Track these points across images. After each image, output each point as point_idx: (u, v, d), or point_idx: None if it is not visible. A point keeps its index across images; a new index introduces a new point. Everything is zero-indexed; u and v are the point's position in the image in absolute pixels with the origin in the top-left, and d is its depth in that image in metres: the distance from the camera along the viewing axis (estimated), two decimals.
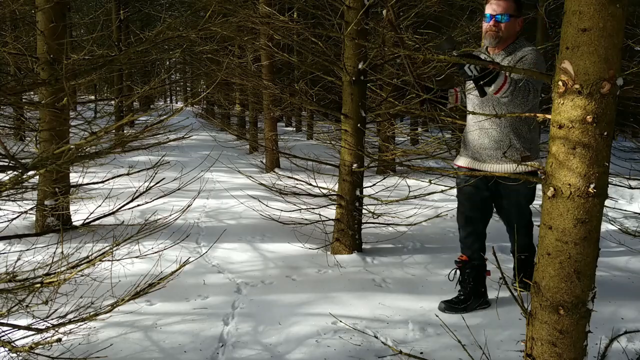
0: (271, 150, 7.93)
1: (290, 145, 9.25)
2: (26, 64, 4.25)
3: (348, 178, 3.93)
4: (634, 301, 3.10)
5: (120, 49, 6.86)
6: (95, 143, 2.01)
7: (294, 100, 5.57)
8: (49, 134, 4.18)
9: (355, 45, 3.75)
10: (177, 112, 2.20)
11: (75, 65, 4.08)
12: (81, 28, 11.28)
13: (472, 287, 3.04)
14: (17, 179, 1.88)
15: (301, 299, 3.12)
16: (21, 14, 6.72)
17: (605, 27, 1.43)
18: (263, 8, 5.81)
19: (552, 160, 1.58)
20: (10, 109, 7.65)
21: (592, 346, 2.17)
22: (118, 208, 3.88)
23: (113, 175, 4.25)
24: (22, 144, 6.73)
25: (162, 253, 3.14)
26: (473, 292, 3.03)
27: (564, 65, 1.50)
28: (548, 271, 1.63)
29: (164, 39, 4.36)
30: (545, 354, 1.67)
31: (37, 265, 2.28)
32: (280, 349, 2.54)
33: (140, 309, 2.93)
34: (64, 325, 1.97)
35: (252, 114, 10.74)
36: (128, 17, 12.01)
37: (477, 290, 3.05)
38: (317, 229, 4.36)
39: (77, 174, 4.83)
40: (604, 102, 1.47)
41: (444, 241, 4.31)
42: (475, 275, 3.06)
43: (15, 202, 3.89)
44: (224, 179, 6.85)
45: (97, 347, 2.48)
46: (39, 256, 2.67)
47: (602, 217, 1.59)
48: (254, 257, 3.93)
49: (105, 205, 4.08)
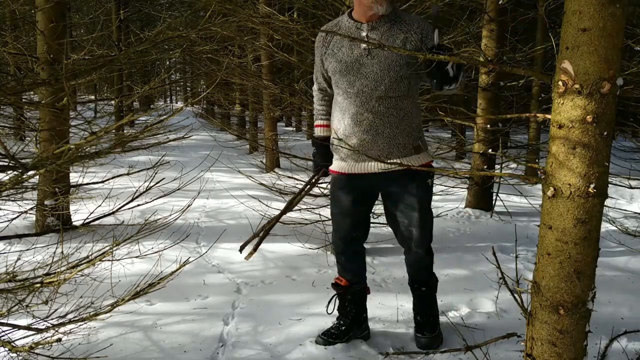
0: (271, 150, 7.94)
1: (290, 145, 9.25)
2: (26, 64, 4.25)
3: None
4: (634, 301, 3.10)
5: (120, 49, 6.86)
6: (95, 143, 2.01)
7: (294, 100, 5.58)
8: (49, 134, 4.18)
9: None
10: (177, 112, 2.20)
11: (75, 65, 4.09)
12: (81, 28, 11.29)
13: (354, 314, 2.62)
14: (17, 179, 1.88)
15: (301, 299, 3.12)
16: (21, 14, 6.72)
17: (605, 27, 1.43)
18: (263, 8, 5.81)
19: (552, 160, 1.58)
20: (10, 109, 7.65)
21: (592, 346, 2.17)
22: (118, 208, 3.89)
23: (113, 175, 4.26)
24: (22, 144, 6.73)
25: (162, 253, 3.14)
26: (355, 321, 2.63)
27: (564, 65, 1.51)
28: (548, 271, 1.63)
29: (164, 39, 4.36)
30: (545, 354, 1.67)
31: (37, 265, 2.28)
32: (280, 349, 2.54)
33: (140, 309, 2.93)
34: (64, 325, 1.97)
35: (252, 114, 10.74)
36: (128, 17, 12.01)
37: (359, 318, 2.64)
38: (317, 229, 4.36)
39: (77, 174, 4.83)
40: (604, 102, 1.47)
41: (444, 241, 4.31)
42: (357, 300, 2.65)
43: (15, 202, 3.89)
44: (224, 179, 6.86)
45: (97, 347, 2.48)
46: (39, 256, 2.67)
47: (602, 217, 1.59)
48: (254, 257, 3.91)
49: (105, 205, 4.09)
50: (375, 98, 2.34)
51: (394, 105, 2.35)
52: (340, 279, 2.65)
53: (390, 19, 2.34)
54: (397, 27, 2.33)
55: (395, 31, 2.33)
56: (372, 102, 2.34)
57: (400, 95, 2.35)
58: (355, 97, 2.37)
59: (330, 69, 2.44)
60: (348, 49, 2.37)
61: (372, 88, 2.33)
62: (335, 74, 2.42)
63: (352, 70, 2.36)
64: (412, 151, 2.41)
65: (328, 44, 2.46)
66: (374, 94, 2.33)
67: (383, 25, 2.33)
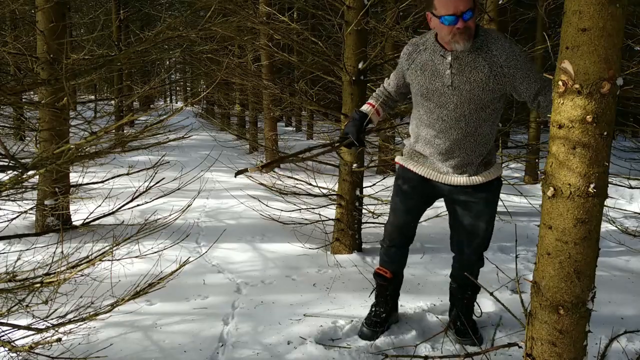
0: (271, 150, 7.94)
1: (290, 145, 9.25)
2: (26, 64, 4.25)
3: (348, 178, 3.93)
4: (634, 301, 3.10)
5: (120, 48, 6.86)
6: (95, 143, 2.01)
7: (294, 100, 5.58)
8: (49, 134, 4.18)
9: (355, 45, 3.75)
10: (177, 112, 2.20)
11: (75, 65, 4.09)
12: (81, 28, 11.28)
13: (393, 302, 2.79)
14: (17, 178, 1.88)
15: (301, 299, 3.12)
16: (21, 14, 6.72)
17: (605, 27, 1.43)
18: (263, 8, 5.81)
19: (552, 160, 1.58)
20: (10, 109, 7.65)
21: (592, 346, 2.17)
22: (118, 208, 3.89)
23: (113, 175, 4.26)
24: (22, 144, 6.73)
25: (162, 253, 3.14)
26: (393, 308, 2.79)
27: (564, 65, 1.51)
28: (548, 271, 1.63)
29: (164, 38, 4.36)
30: (545, 354, 1.67)
31: (37, 265, 2.28)
32: (280, 349, 2.54)
33: (140, 309, 2.93)
34: (63, 325, 1.97)
35: (252, 114, 10.75)
36: (128, 17, 12.01)
37: (396, 305, 2.82)
38: (317, 229, 4.36)
39: (77, 174, 4.84)
40: (604, 102, 1.47)
41: (444, 241, 4.28)
42: (397, 290, 2.82)
43: (15, 202, 3.89)
44: (223, 179, 6.86)
45: (97, 347, 2.48)
46: (38, 256, 2.67)
47: (602, 217, 1.59)
48: (254, 257, 3.93)
49: (105, 205, 4.09)
50: (455, 127, 2.31)
51: (472, 132, 2.32)
52: (385, 270, 2.74)
53: (476, 47, 2.21)
54: (482, 58, 2.20)
55: (480, 63, 2.20)
56: (450, 131, 2.32)
57: (479, 123, 2.31)
58: (434, 123, 2.35)
59: (412, 88, 2.44)
60: (430, 75, 2.30)
61: (452, 119, 2.30)
62: (417, 95, 2.40)
63: (432, 97, 2.32)
64: (483, 168, 2.42)
65: (412, 61, 2.39)
66: (453, 124, 2.30)
67: (467, 55, 2.21)
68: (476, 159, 2.38)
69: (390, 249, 2.73)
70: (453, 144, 2.34)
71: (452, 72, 2.23)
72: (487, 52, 2.20)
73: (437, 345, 2.59)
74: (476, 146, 2.35)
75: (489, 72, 2.19)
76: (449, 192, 2.50)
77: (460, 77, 2.23)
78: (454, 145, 2.34)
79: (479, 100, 2.24)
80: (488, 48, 2.20)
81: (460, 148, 2.35)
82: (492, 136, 2.41)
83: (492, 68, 2.18)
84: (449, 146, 2.35)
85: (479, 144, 2.35)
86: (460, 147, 2.35)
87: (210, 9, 4.52)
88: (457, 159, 2.38)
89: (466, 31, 2.12)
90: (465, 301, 2.68)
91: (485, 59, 2.19)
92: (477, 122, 2.30)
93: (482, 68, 2.19)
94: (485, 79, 2.20)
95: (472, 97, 2.23)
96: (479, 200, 2.46)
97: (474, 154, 2.37)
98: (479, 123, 2.30)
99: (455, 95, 2.25)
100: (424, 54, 2.33)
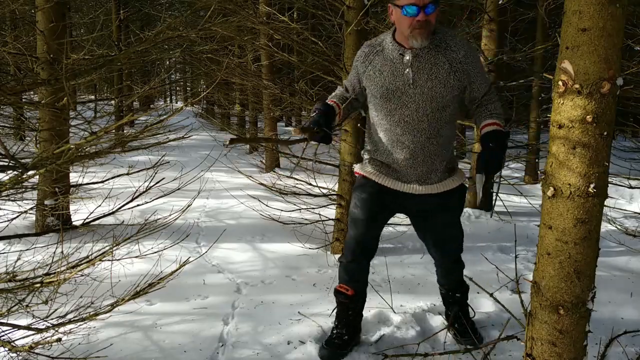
0: (271, 150, 7.94)
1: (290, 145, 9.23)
2: (26, 64, 4.25)
3: (348, 178, 3.92)
4: (634, 301, 3.10)
5: (120, 48, 6.86)
6: (95, 143, 2.01)
7: (294, 100, 5.58)
8: (49, 134, 4.18)
9: (355, 45, 3.74)
10: (177, 112, 2.20)
11: (75, 65, 4.09)
12: (81, 28, 11.27)
13: (356, 322, 2.59)
14: (17, 178, 1.88)
15: (301, 299, 3.12)
16: (21, 14, 6.72)
17: (605, 27, 1.43)
18: (263, 8, 5.81)
19: (552, 160, 1.58)
20: (10, 109, 7.65)
21: (592, 346, 2.17)
22: (118, 208, 3.89)
23: (113, 175, 4.26)
24: (22, 144, 6.73)
25: (162, 253, 3.14)
26: (356, 329, 2.59)
27: (564, 65, 1.51)
28: (548, 271, 1.63)
29: (164, 38, 4.36)
30: (545, 354, 1.67)
31: (37, 265, 2.28)
32: (280, 349, 2.54)
33: (140, 309, 2.93)
34: (63, 325, 1.97)
35: (252, 114, 10.75)
36: (128, 17, 12.01)
37: (358, 325, 2.61)
38: (317, 229, 4.36)
39: (77, 174, 4.83)
40: (604, 102, 1.47)
41: None
42: (360, 309, 2.61)
43: (15, 202, 3.90)
44: (224, 179, 6.86)
45: (97, 347, 2.48)
46: (38, 256, 2.67)
47: (602, 217, 1.59)
48: (254, 257, 3.93)
49: (105, 205, 4.09)
50: (417, 129, 2.26)
51: (435, 134, 2.27)
52: (347, 288, 2.54)
53: (434, 44, 2.19)
54: (442, 55, 2.19)
55: (440, 59, 2.18)
56: (413, 132, 2.26)
57: (441, 124, 2.27)
58: (396, 125, 2.28)
59: (369, 91, 2.34)
60: (390, 75, 2.24)
61: (415, 119, 2.24)
62: (375, 98, 2.31)
63: (393, 98, 2.25)
64: (447, 174, 2.38)
65: (369, 62, 2.31)
66: (415, 124, 2.25)
67: (427, 52, 2.19)
68: (440, 164, 2.34)
69: (350, 265, 2.53)
70: (417, 146, 2.28)
71: (412, 70, 2.19)
72: (445, 48, 2.19)
73: (437, 345, 2.59)
74: (439, 149, 2.31)
75: (449, 69, 2.18)
76: (414, 203, 2.41)
77: (420, 74, 2.19)
78: (417, 148, 2.28)
79: (441, 98, 2.22)
80: (447, 44, 2.20)
81: (424, 152, 2.29)
82: (453, 139, 2.41)
83: (452, 64, 2.18)
84: (412, 149, 2.29)
85: (442, 147, 2.31)
86: (424, 151, 2.29)
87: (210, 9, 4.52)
88: (421, 166, 2.32)
89: (426, 26, 2.10)
90: (458, 303, 2.69)
91: (444, 55, 2.19)
92: (439, 124, 2.26)
93: (443, 64, 2.18)
94: (446, 75, 2.19)
95: (434, 94, 2.20)
96: (446, 208, 2.42)
97: (438, 159, 2.32)
98: (441, 125, 2.27)
99: (417, 94, 2.21)
100: (381, 54, 2.28)
